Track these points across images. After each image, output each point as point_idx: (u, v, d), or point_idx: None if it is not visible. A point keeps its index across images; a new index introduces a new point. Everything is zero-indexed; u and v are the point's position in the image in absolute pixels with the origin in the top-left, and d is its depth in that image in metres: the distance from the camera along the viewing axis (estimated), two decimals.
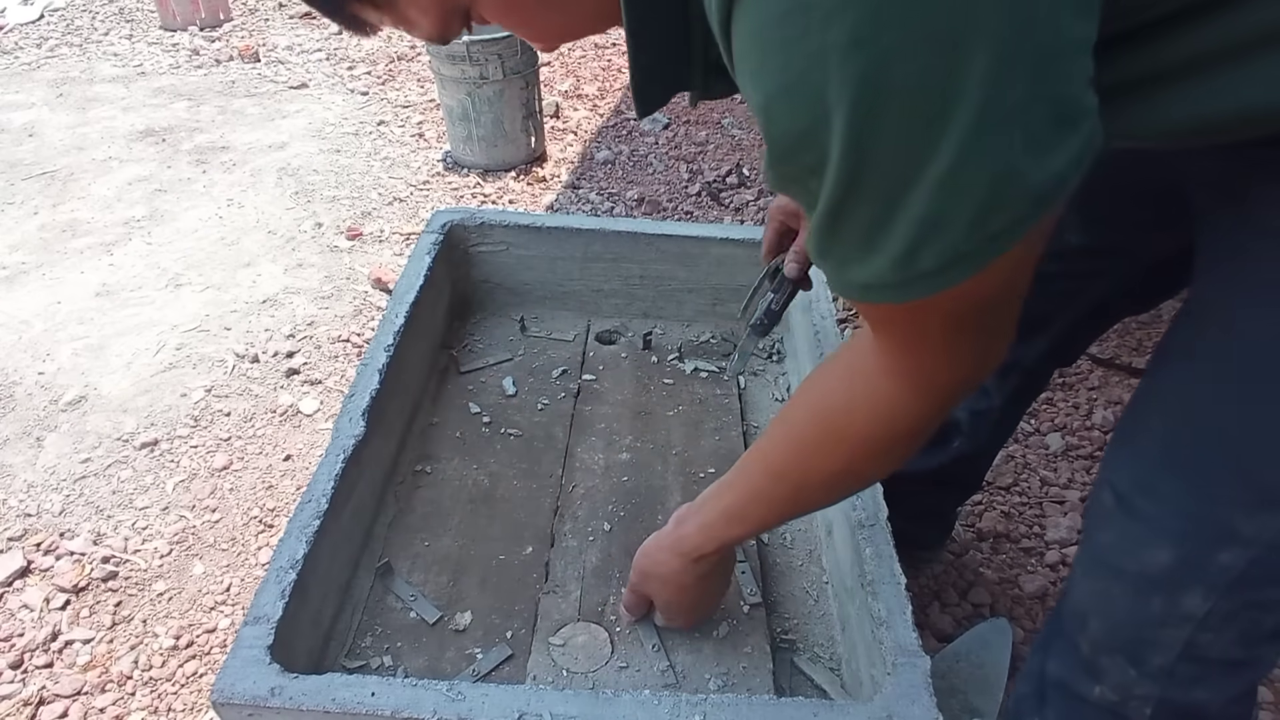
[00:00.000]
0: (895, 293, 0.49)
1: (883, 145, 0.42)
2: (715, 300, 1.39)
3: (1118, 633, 0.72)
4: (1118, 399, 1.81)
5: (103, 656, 1.31)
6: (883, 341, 0.59)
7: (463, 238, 1.36)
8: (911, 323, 0.54)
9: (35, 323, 2.04)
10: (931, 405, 0.59)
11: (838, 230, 0.48)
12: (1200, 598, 0.65)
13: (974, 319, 0.53)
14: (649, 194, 2.64)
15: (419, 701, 0.70)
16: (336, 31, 4.00)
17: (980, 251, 0.46)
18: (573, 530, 1.04)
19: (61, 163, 2.81)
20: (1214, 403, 0.64)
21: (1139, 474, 0.69)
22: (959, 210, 0.44)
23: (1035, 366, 1.09)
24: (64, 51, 3.79)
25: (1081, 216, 0.90)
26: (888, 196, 0.45)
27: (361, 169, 2.79)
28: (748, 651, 0.91)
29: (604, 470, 1.13)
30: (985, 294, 0.50)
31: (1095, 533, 0.74)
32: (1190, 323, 0.68)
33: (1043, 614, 1.39)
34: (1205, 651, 0.68)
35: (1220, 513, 0.63)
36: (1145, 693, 0.72)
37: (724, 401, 1.26)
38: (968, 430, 1.18)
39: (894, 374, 0.59)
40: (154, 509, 1.55)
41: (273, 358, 1.93)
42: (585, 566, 0.99)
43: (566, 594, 0.96)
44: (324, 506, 0.86)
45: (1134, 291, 0.98)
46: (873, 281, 0.49)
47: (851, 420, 0.63)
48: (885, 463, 0.65)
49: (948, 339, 0.55)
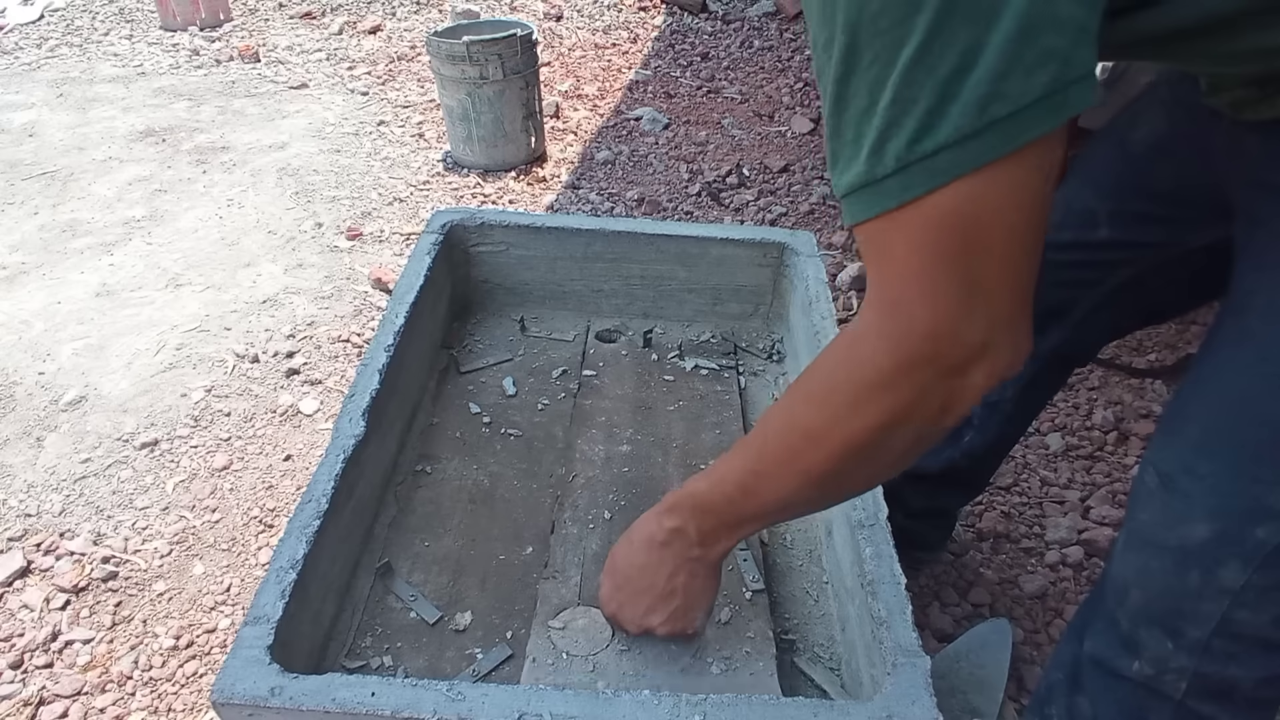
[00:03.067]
0: (867, 196, 0.51)
1: (868, 28, 0.47)
2: (715, 300, 1.39)
3: (1156, 604, 0.74)
4: (1118, 399, 1.81)
5: (103, 656, 1.31)
6: (868, 276, 0.57)
7: (463, 238, 1.36)
8: (886, 243, 0.53)
9: (35, 323, 2.04)
10: (903, 352, 0.55)
11: (839, 124, 0.52)
12: (1236, 571, 0.68)
13: (951, 252, 0.51)
14: (649, 194, 2.64)
15: (419, 701, 0.70)
16: (336, 31, 4.00)
17: (935, 158, 0.48)
18: (573, 518, 1.04)
19: (61, 163, 2.81)
20: (1253, 387, 0.67)
21: (1181, 455, 0.72)
22: (919, 99, 0.47)
23: (1051, 357, 1.09)
24: (64, 52, 3.79)
25: (1114, 210, 0.92)
26: (872, 84, 0.49)
27: (361, 169, 2.79)
28: (750, 637, 0.90)
29: (604, 461, 1.13)
30: (955, 220, 0.50)
31: (1137, 511, 0.76)
32: (1233, 313, 0.71)
33: (1043, 614, 1.39)
34: (1241, 628, 0.70)
35: (1257, 490, 0.66)
36: (1181, 666, 0.74)
37: (724, 398, 1.26)
38: (978, 423, 1.19)
39: (871, 305, 0.57)
40: (154, 509, 1.55)
41: (273, 358, 1.93)
42: (585, 553, 0.99)
43: (566, 579, 0.95)
44: (324, 506, 0.86)
45: (1155, 289, 0.98)
46: (854, 183, 0.52)
47: (833, 367, 0.62)
48: (860, 422, 0.59)
49: (922, 267, 0.52)
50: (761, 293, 1.38)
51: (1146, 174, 0.90)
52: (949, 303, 0.52)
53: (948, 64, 0.46)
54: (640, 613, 0.82)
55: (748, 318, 1.41)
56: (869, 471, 0.65)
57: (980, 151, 0.48)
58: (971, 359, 0.54)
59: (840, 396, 0.60)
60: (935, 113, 0.47)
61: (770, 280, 1.36)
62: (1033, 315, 0.55)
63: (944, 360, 0.55)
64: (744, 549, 0.99)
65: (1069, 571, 1.46)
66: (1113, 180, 0.94)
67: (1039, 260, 0.54)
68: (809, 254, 1.29)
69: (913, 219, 0.51)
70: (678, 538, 0.77)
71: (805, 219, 2.52)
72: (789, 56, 3.73)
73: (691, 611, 0.82)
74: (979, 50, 0.46)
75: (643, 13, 4.29)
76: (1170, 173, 0.86)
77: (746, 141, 3.01)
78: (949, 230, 0.50)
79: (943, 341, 0.54)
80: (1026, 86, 0.46)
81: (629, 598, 0.82)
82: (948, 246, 0.51)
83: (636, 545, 0.81)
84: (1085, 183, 0.98)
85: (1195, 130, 0.80)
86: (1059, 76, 0.46)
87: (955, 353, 0.54)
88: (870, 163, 0.50)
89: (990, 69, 0.46)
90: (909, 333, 0.54)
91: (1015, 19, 0.45)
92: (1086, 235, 0.95)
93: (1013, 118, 0.47)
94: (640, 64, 3.71)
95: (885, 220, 0.52)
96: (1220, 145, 0.76)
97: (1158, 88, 0.89)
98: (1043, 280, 0.55)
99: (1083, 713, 0.83)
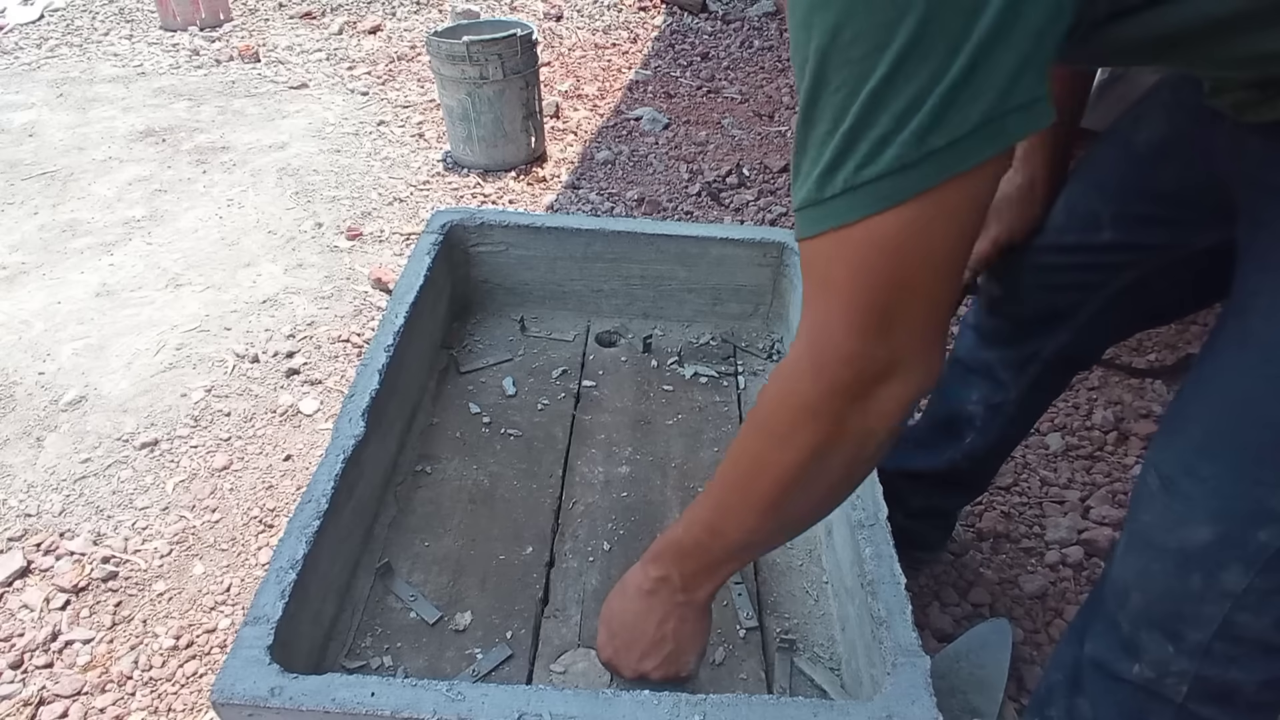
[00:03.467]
0: (815, 214, 0.54)
1: (839, 55, 0.50)
2: (715, 300, 1.39)
3: (1157, 607, 0.74)
4: (1118, 399, 1.81)
5: (103, 656, 1.31)
6: (804, 296, 0.60)
7: (463, 238, 1.36)
8: (823, 262, 0.56)
9: (35, 323, 2.04)
10: (824, 379, 0.58)
11: (804, 142, 0.54)
12: (1238, 574, 0.68)
13: (880, 277, 0.54)
14: (649, 194, 2.64)
15: (419, 701, 0.70)
16: (336, 31, 4.01)
17: (878, 184, 0.51)
18: (573, 550, 1.04)
19: (61, 163, 2.81)
20: (1256, 389, 0.67)
21: (1182, 457, 0.72)
22: (874, 126, 0.49)
23: (1054, 359, 1.09)
24: (64, 52, 3.79)
25: (1118, 212, 0.92)
26: (836, 109, 0.51)
27: (361, 169, 2.79)
28: (743, 678, 0.90)
29: (603, 485, 1.12)
30: (889, 245, 0.52)
31: (1139, 513, 0.76)
32: (1235, 314, 0.71)
33: (1043, 614, 1.39)
34: (1242, 631, 0.70)
35: (1259, 492, 0.66)
36: (1181, 669, 0.74)
37: (723, 409, 1.25)
38: (981, 425, 1.18)
39: (802, 327, 0.60)
40: (154, 509, 1.55)
41: (273, 358, 1.93)
42: (585, 589, 0.99)
43: (567, 618, 0.95)
44: (324, 506, 0.86)
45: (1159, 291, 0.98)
46: (805, 200, 0.54)
47: (770, 395, 0.64)
48: (793, 451, 0.62)
49: (850, 290, 0.55)
50: (761, 292, 1.38)
51: (1150, 176, 0.90)
52: (865, 326, 0.55)
53: (904, 97, 0.48)
54: (634, 660, 0.84)
55: (748, 317, 1.41)
56: (809, 500, 0.68)
57: (917, 180, 0.50)
58: (880, 380, 0.57)
59: (775, 424, 0.64)
60: (883, 141, 0.50)
61: (770, 280, 1.36)
62: (942, 342, 0.58)
63: (858, 384, 0.58)
64: (738, 582, 0.99)
65: (1069, 571, 1.46)
66: (1116, 182, 0.94)
67: (959, 285, 0.56)
68: None
69: (849, 240, 0.53)
70: (663, 586, 0.80)
71: None
72: (789, 56, 3.73)
73: (684, 656, 0.83)
74: (934, 84, 0.48)
75: (643, 13, 4.29)
76: (1173, 174, 0.86)
77: (746, 141, 3.01)
78: (882, 254, 0.53)
79: (856, 364, 0.57)
80: (964, 117, 0.48)
81: (623, 645, 0.84)
82: (878, 271, 0.54)
83: (629, 595, 0.84)
84: (1088, 185, 0.97)
85: (1197, 132, 0.80)
86: (996, 106, 0.48)
87: (866, 376, 0.57)
88: (821, 182, 0.53)
89: (937, 101, 0.48)
90: (830, 359, 0.58)
91: (969, 55, 0.47)
92: (1090, 238, 0.95)
93: (950, 148, 0.49)
94: (640, 64, 3.71)
95: (826, 239, 0.54)
96: (1222, 147, 0.76)
97: (1160, 89, 0.89)
98: (1046, 283, 0.55)
99: (1083, 715, 0.83)
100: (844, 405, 0.59)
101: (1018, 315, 1.09)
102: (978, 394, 1.17)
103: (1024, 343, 1.09)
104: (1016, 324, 1.09)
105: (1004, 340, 1.12)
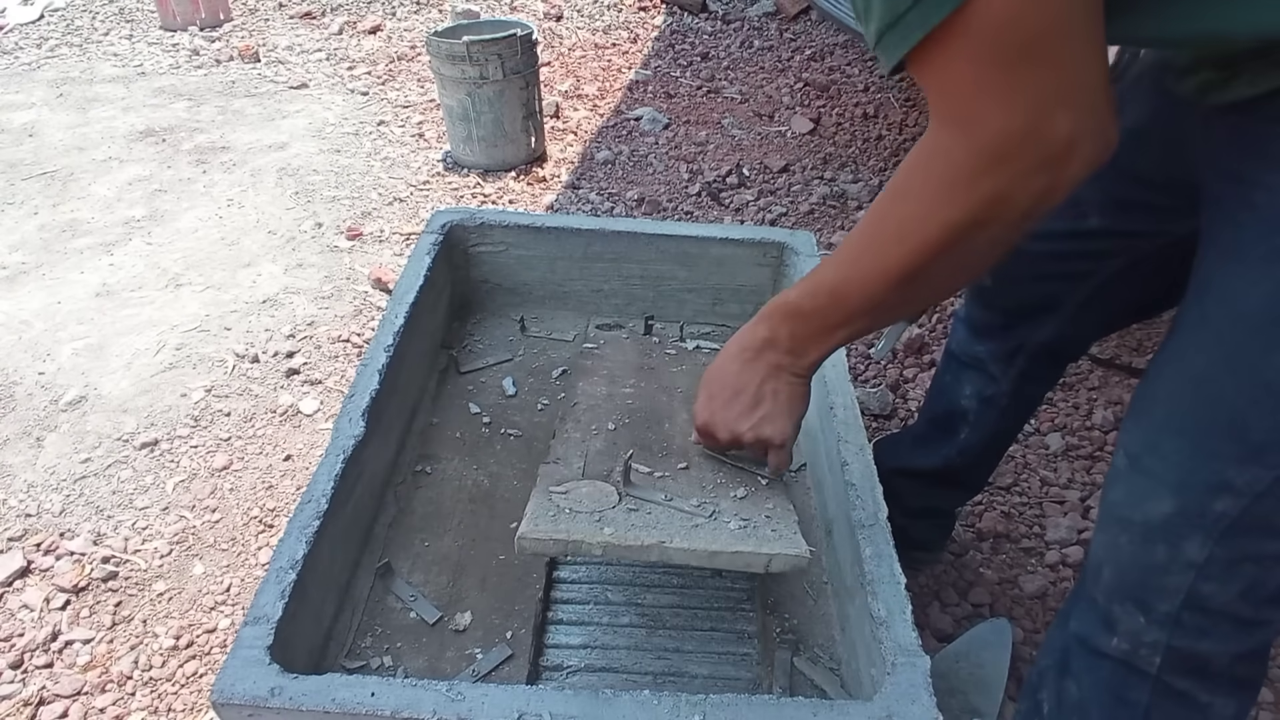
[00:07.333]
0: (902, 29, 0.54)
1: None
2: (715, 300, 1.39)
3: (1126, 578, 0.76)
4: (1118, 399, 1.81)
5: (103, 656, 1.31)
6: (929, 100, 0.60)
7: (463, 238, 1.36)
8: (941, 66, 0.56)
9: (35, 323, 2.04)
10: (982, 145, 0.57)
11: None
12: (1199, 545, 0.70)
13: (1010, 54, 0.53)
14: (649, 194, 2.64)
15: (419, 701, 0.70)
16: (336, 31, 4.01)
17: None
18: (575, 427, 0.98)
19: (61, 163, 2.81)
20: (1210, 367, 0.69)
21: (1147, 436, 0.75)
22: None
23: (1041, 351, 1.10)
24: (64, 51, 3.79)
25: (1103, 199, 0.92)
26: None
27: (361, 169, 2.79)
28: (769, 505, 0.86)
29: (607, 396, 1.06)
30: (994, 18, 0.52)
31: (1109, 492, 0.79)
32: (1194, 297, 0.73)
33: (1043, 614, 1.39)
34: (1208, 602, 0.72)
35: (1216, 465, 0.69)
36: (1154, 640, 0.75)
37: None
38: (974, 419, 1.19)
39: (941, 120, 0.60)
40: (154, 509, 1.55)
41: (273, 358, 1.93)
42: (589, 450, 0.93)
43: (569, 465, 0.90)
44: (324, 506, 0.86)
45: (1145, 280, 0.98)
46: (886, 20, 0.54)
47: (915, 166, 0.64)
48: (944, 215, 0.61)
49: (981, 76, 0.55)
50: (761, 293, 1.38)
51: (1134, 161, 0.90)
52: (1022, 101, 0.54)
53: None
54: (731, 418, 0.82)
55: (748, 318, 1.40)
56: (944, 273, 0.67)
57: None
58: (1061, 152, 0.56)
59: (928, 190, 0.63)
60: None
61: (770, 280, 1.36)
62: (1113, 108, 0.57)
63: (1030, 157, 0.56)
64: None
65: (1069, 571, 1.46)
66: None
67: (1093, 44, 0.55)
68: (809, 254, 1.29)
69: (953, 34, 0.53)
70: (769, 346, 0.79)
71: (805, 219, 2.52)
72: (789, 56, 3.72)
73: (779, 420, 0.81)
74: None
75: (643, 13, 4.29)
76: (1154, 161, 0.87)
77: (746, 141, 3.01)
78: (999, 33, 0.53)
79: (1026, 140, 0.56)
80: None
81: (720, 405, 0.83)
82: (1004, 50, 0.53)
83: (731, 355, 0.82)
84: None
85: (1172, 117, 0.81)
86: None
87: (1041, 150, 0.56)
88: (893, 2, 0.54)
89: None
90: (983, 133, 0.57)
91: None
92: (1076, 224, 0.96)
93: None
94: (640, 64, 3.71)
95: (929, 47, 0.55)
96: (1193, 133, 0.77)
97: (1141, 76, 0.89)
98: (1033, 272, 0.56)
99: (1070, 695, 0.84)
100: (1012, 174, 0.58)
101: (1006, 306, 1.09)
102: (971, 388, 1.18)
103: (1011, 334, 1.10)
104: (1005, 315, 1.10)
105: (993, 332, 1.13)
